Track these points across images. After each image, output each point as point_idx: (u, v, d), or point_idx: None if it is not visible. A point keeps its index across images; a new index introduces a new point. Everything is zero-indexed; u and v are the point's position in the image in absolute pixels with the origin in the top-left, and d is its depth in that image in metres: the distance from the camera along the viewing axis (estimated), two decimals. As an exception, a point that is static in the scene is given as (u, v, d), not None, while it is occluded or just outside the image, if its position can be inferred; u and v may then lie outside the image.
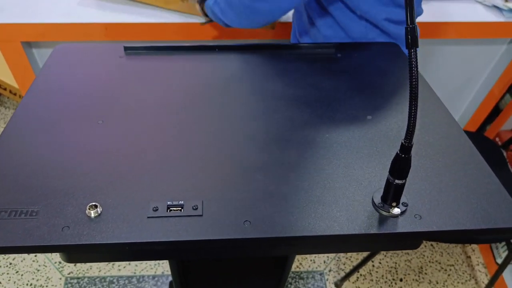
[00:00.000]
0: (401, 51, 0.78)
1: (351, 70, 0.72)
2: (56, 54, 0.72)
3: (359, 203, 0.47)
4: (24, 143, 0.53)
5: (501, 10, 1.33)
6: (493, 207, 0.47)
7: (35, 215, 0.44)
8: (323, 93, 0.65)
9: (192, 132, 0.56)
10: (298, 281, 1.50)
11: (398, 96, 0.65)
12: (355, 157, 0.54)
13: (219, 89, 0.65)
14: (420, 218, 0.46)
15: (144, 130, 0.56)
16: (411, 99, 0.39)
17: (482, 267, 1.59)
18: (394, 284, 1.51)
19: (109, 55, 0.72)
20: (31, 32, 1.16)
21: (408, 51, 0.40)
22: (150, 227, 0.43)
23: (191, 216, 0.45)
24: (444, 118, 0.61)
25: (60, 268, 1.49)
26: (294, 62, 0.73)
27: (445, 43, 1.44)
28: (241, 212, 0.45)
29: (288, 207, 0.46)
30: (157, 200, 0.46)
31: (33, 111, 0.58)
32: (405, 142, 0.41)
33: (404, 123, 0.60)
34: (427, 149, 0.55)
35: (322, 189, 0.49)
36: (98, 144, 0.53)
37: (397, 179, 0.44)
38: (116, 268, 1.49)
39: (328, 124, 0.59)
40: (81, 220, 0.44)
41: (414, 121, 0.40)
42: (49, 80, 0.65)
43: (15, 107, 2.14)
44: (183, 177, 0.49)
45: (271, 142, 0.55)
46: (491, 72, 1.55)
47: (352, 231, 0.44)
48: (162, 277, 1.47)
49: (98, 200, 0.46)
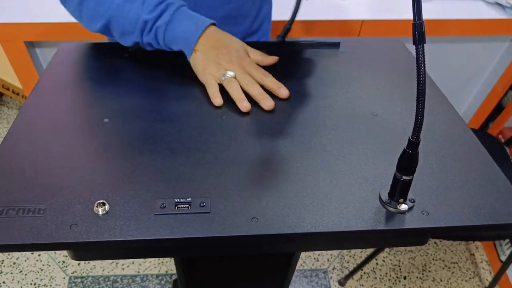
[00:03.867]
0: (405, 47, 0.78)
1: (355, 66, 0.72)
2: (60, 53, 0.72)
3: (366, 200, 0.47)
4: (30, 142, 0.53)
5: (504, 7, 1.33)
6: (500, 203, 0.47)
7: (43, 213, 0.44)
8: (327, 90, 0.65)
9: (198, 129, 0.56)
10: (302, 279, 1.50)
11: (403, 93, 0.65)
12: (361, 154, 0.54)
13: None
14: (428, 214, 0.46)
15: (150, 127, 0.56)
16: (418, 95, 0.39)
17: (486, 265, 1.59)
18: (398, 282, 1.51)
19: (114, 53, 0.72)
20: (34, 31, 1.16)
21: (416, 47, 0.40)
22: (157, 224, 0.44)
23: (198, 213, 0.45)
24: (449, 115, 0.61)
25: (64, 268, 1.49)
26: (297, 59, 0.73)
27: (448, 41, 1.44)
28: (249, 209, 0.45)
29: (295, 204, 0.46)
30: (164, 198, 0.46)
31: (39, 110, 0.58)
32: (413, 138, 0.41)
33: (409, 119, 0.60)
34: (433, 146, 0.55)
35: (329, 186, 0.49)
36: (104, 142, 0.54)
37: (404, 175, 0.44)
38: (120, 267, 1.49)
39: (334, 121, 0.59)
40: (89, 217, 0.44)
41: (421, 117, 0.40)
42: (54, 79, 0.65)
43: (18, 107, 2.14)
44: (191, 174, 0.49)
45: (277, 140, 0.55)
46: (494, 69, 1.55)
47: (359, 227, 0.44)
48: (166, 276, 1.48)
49: (105, 197, 0.46)
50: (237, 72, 0.62)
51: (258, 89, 0.61)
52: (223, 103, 0.61)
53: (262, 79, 0.63)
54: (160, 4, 0.63)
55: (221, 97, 0.61)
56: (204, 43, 0.64)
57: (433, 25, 1.29)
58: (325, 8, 0.99)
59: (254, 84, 0.62)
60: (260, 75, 0.63)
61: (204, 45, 0.64)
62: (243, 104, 0.59)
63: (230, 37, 0.67)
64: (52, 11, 1.17)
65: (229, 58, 0.63)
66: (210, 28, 0.65)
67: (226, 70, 0.62)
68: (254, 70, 0.63)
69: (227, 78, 0.62)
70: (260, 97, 0.61)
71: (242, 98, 0.60)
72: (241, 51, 0.65)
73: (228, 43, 0.65)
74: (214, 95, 0.61)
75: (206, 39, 0.64)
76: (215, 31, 0.65)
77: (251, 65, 0.64)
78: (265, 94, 0.61)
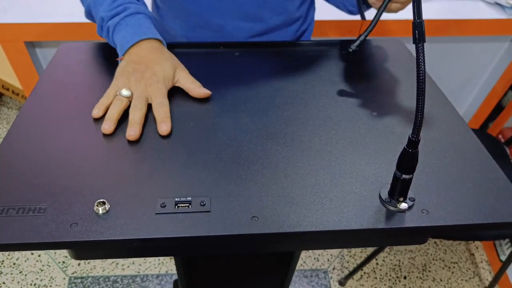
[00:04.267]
0: (405, 47, 0.78)
1: (355, 66, 0.72)
2: (60, 53, 0.72)
3: (366, 199, 0.47)
4: (31, 141, 0.53)
5: (504, 7, 1.33)
6: (500, 202, 0.48)
7: (43, 212, 0.44)
8: (328, 89, 0.65)
9: (199, 128, 0.56)
10: (302, 279, 1.50)
11: (403, 93, 0.65)
12: (361, 153, 0.54)
13: (224, 85, 0.65)
14: (428, 213, 0.46)
15: (150, 126, 0.56)
16: (418, 93, 0.40)
17: (486, 265, 1.59)
18: (398, 282, 1.51)
19: (114, 53, 0.72)
20: (34, 32, 1.16)
21: (416, 46, 0.40)
22: (158, 224, 0.44)
23: (199, 212, 0.45)
24: (450, 114, 0.61)
25: (64, 268, 1.49)
26: (298, 59, 0.73)
27: (448, 41, 1.44)
28: (249, 208, 0.46)
29: (295, 203, 0.46)
30: (165, 197, 0.46)
31: (40, 109, 0.58)
32: (413, 136, 0.41)
33: (409, 119, 0.60)
34: (433, 145, 0.55)
35: (329, 185, 0.49)
36: (104, 142, 0.54)
37: (404, 174, 0.44)
38: (120, 267, 1.49)
39: (334, 121, 0.59)
40: (89, 216, 0.44)
41: (421, 115, 0.40)
42: (55, 79, 0.65)
43: (18, 108, 2.14)
44: (191, 173, 0.49)
45: (277, 139, 0.55)
46: (494, 69, 1.55)
47: (359, 226, 0.44)
48: (166, 276, 1.48)
49: (106, 197, 0.46)
50: (136, 93, 0.59)
51: (137, 115, 0.57)
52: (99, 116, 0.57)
53: (155, 108, 0.58)
54: (119, 6, 0.66)
55: (101, 110, 0.57)
56: (132, 54, 0.63)
57: (433, 25, 1.29)
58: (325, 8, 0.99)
59: (138, 110, 0.57)
60: (156, 103, 0.59)
61: (130, 56, 0.63)
62: (104, 127, 0.55)
63: (163, 58, 0.64)
64: (52, 11, 1.17)
65: (140, 77, 0.60)
66: (145, 42, 0.64)
67: (126, 90, 0.59)
68: (154, 96, 0.59)
69: (120, 95, 0.58)
70: (130, 123, 0.56)
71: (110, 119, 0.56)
72: (159, 75, 0.61)
73: (151, 63, 0.62)
74: (99, 104, 0.58)
75: (135, 51, 0.63)
76: (149, 47, 0.64)
77: (156, 92, 0.60)
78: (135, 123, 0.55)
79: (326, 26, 1.25)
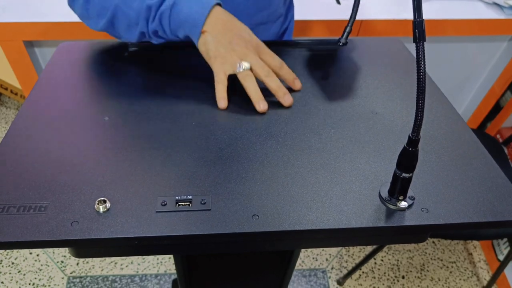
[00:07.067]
0: (405, 47, 0.78)
1: (354, 65, 0.72)
2: (59, 52, 0.72)
3: (366, 197, 0.48)
4: (31, 140, 0.53)
5: (502, 7, 1.34)
6: (500, 201, 0.48)
7: (44, 210, 0.44)
8: (327, 89, 0.65)
9: (199, 126, 0.56)
10: (300, 278, 1.50)
11: (403, 92, 0.66)
12: (361, 151, 0.54)
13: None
14: (427, 211, 0.46)
15: (150, 125, 0.56)
16: (418, 92, 0.40)
17: (484, 264, 1.60)
18: (396, 281, 1.51)
19: (113, 52, 0.72)
20: (33, 31, 1.16)
21: (416, 45, 0.40)
22: (159, 222, 0.44)
23: (199, 211, 0.45)
24: (449, 113, 0.62)
25: (62, 268, 1.49)
26: (296, 58, 0.73)
27: (446, 41, 1.45)
28: (249, 206, 0.46)
29: (296, 201, 0.47)
30: (165, 195, 0.46)
31: (39, 108, 0.58)
32: (413, 135, 0.42)
33: (409, 118, 0.60)
34: (433, 144, 0.56)
35: (329, 183, 0.49)
36: (104, 140, 0.54)
37: (404, 173, 0.44)
38: (119, 267, 1.49)
39: (334, 120, 0.59)
40: (89, 215, 0.44)
41: (421, 114, 0.40)
42: (54, 78, 0.65)
43: (17, 107, 2.14)
44: (192, 172, 0.50)
45: (277, 138, 0.55)
46: (492, 69, 1.56)
47: (359, 225, 0.45)
48: (165, 276, 1.48)
49: (106, 195, 0.46)
50: (253, 62, 0.55)
51: (277, 82, 0.55)
52: (226, 106, 0.58)
53: (279, 69, 0.56)
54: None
55: (226, 100, 0.56)
56: (213, 24, 0.57)
57: (432, 25, 1.29)
58: (324, 8, 0.99)
59: (273, 76, 0.56)
60: (277, 64, 0.56)
61: (214, 26, 0.57)
62: (260, 105, 0.54)
63: (237, 20, 0.60)
64: (51, 10, 1.17)
65: (244, 44, 0.56)
66: (217, 8, 0.58)
67: (242, 61, 0.55)
68: (271, 58, 0.57)
69: (243, 71, 0.55)
70: (280, 93, 0.55)
71: (260, 98, 0.54)
72: (253, 35, 0.58)
73: (239, 26, 0.58)
74: (220, 95, 0.57)
75: (214, 19, 0.57)
76: (223, 12, 0.59)
77: (266, 52, 0.57)
78: (285, 89, 0.55)
79: (324, 26, 1.25)
